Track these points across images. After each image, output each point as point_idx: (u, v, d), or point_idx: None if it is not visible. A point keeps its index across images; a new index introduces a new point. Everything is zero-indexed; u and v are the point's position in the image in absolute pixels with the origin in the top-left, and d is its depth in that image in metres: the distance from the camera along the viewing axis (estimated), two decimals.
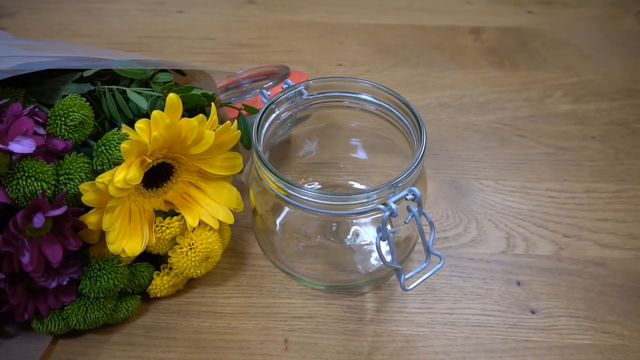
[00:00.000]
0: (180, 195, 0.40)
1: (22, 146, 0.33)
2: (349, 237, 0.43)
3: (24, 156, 0.34)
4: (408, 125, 0.41)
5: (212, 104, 0.40)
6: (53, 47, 0.47)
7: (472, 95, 0.58)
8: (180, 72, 0.44)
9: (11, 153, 0.33)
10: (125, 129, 0.37)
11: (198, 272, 0.40)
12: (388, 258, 0.37)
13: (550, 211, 0.48)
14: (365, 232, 0.45)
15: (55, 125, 0.36)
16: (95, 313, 0.38)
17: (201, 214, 0.40)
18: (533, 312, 0.42)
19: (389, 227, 0.37)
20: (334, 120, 0.47)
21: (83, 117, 0.36)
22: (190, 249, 0.39)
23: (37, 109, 0.36)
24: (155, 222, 0.39)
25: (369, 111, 0.44)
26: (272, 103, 0.41)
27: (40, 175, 0.34)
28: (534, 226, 0.47)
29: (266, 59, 0.60)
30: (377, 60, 0.62)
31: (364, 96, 0.43)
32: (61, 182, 0.35)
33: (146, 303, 0.42)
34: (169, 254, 0.40)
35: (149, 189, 0.39)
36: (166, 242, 0.39)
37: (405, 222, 0.37)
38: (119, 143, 0.35)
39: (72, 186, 0.35)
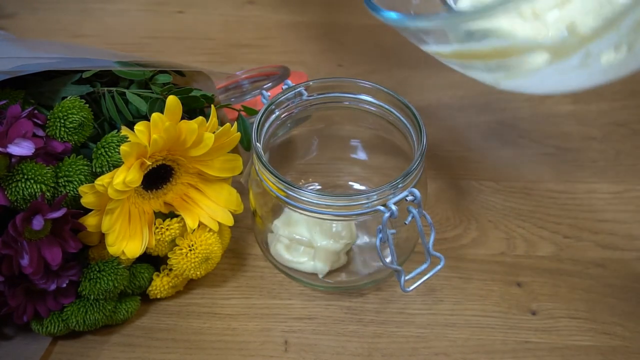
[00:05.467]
0: (180, 197, 0.40)
1: (21, 148, 0.33)
2: (349, 238, 0.43)
3: (23, 158, 0.34)
4: (408, 126, 0.41)
5: (212, 105, 0.40)
6: (52, 48, 0.47)
7: (472, 95, 0.58)
8: (179, 73, 0.44)
9: (10, 155, 0.33)
10: (124, 131, 0.37)
11: (198, 273, 0.40)
12: (388, 259, 0.37)
13: (550, 212, 0.48)
14: (365, 233, 0.45)
15: (54, 127, 0.36)
16: (95, 314, 0.38)
17: (201, 216, 0.40)
18: (533, 313, 0.42)
19: (388, 228, 0.37)
20: (334, 121, 0.47)
21: (82, 119, 0.36)
22: (190, 250, 0.39)
23: (36, 111, 0.36)
24: (154, 224, 0.39)
25: (369, 112, 0.44)
26: (271, 104, 0.41)
27: (40, 177, 0.33)
28: (535, 227, 0.47)
29: (266, 60, 0.60)
30: (377, 60, 0.62)
31: (363, 97, 0.43)
32: (60, 185, 0.35)
33: (146, 304, 0.42)
34: (169, 255, 0.40)
35: (149, 191, 0.39)
36: (166, 243, 0.39)
37: (405, 224, 0.37)
38: (119, 145, 0.35)
39: (72, 188, 0.35)
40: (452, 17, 0.37)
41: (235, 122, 0.41)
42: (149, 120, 0.35)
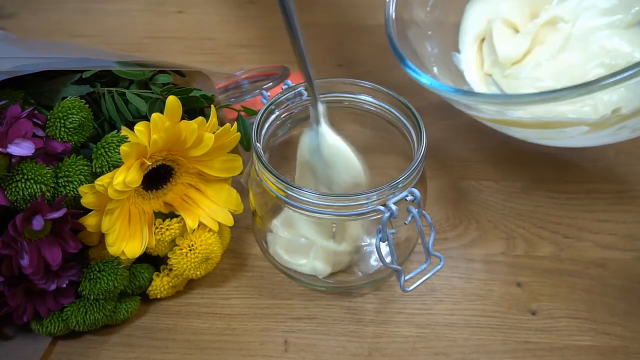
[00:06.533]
0: (180, 197, 0.40)
1: (21, 149, 0.33)
2: (348, 238, 0.43)
3: (23, 159, 0.34)
4: (408, 126, 0.41)
5: (212, 106, 0.40)
6: (52, 48, 0.47)
7: None
8: (179, 73, 0.44)
9: (10, 155, 0.33)
10: (124, 131, 0.37)
11: (198, 273, 0.40)
12: (388, 259, 0.37)
13: (550, 212, 0.48)
14: (365, 233, 0.45)
15: (54, 128, 0.36)
16: (95, 314, 0.38)
17: (201, 216, 0.40)
18: (533, 314, 0.42)
19: (388, 228, 0.37)
20: (334, 121, 0.46)
21: (82, 119, 0.36)
22: (190, 250, 0.39)
23: (36, 111, 0.36)
24: (154, 224, 0.39)
25: (368, 112, 0.44)
26: (271, 104, 0.41)
27: (40, 177, 0.34)
28: (535, 227, 0.47)
29: (266, 60, 0.60)
30: (377, 60, 0.61)
31: (363, 97, 0.43)
32: (60, 185, 0.35)
33: (146, 304, 0.42)
34: (169, 255, 0.40)
35: (149, 191, 0.39)
36: (166, 243, 0.39)
37: (405, 224, 0.37)
38: (119, 145, 0.35)
39: (72, 189, 0.35)
40: (505, 99, 0.39)
41: (235, 122, 0.41)
42: (149, 121, 0.35)
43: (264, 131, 0.41)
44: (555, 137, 0.40)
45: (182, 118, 0.37)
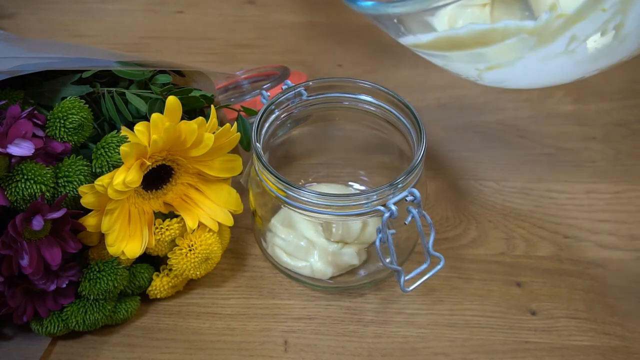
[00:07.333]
0: (180, 197, 0.40)
1: (21, 149, 0.33)
2: (348, 238, 0.43)
3: (23, 159, 0.34)
4: (408, 126, 0.41)
5: (212, 106, 0.40)
6: (52, 48, 0.47)
7: (472, 95, 0.58)
8: (179, 73, 0.44)
9: (10, 156, 0.33)
10: (124, 131, 0.37)
11: (197, 273, 0.40)
12: (388, 259, 0.37)
13: (550, 212, 0.48)
14: (365, 233, 0.45)
15: (54, 128, 0.36)
16: (95, 314, 0.38)
17: (200, 216, 0.40)
18: (533, 314, 0.42)
19: (388, 228, 0.37)
20: (334, 121, 0.47)
21: (82, 119, 0.36)
22: (190, 250, 0.39)
23: (36, 111, 0.36)
24: (154, 224, 0.39)
25: (368, 112, 0.44)
26: (271, 104, 0.42)
27: (39, 177, 0.34)
28: (534, 227, 0.47)
29: (266, 60, 0.60)
30: (377, 60, 0.61)
31: (363, 97, 0.43)
32: (60, 185, 0.35)
33: (146, 304, 0.42)
34: (169, 255, 0.40)
35: (149, 191, 0.39)
36: (166, 243, 0.39)
37: (405, 224, 0.37)
38: (118, 146, 0.35)
39: (71, 189, 0.35)
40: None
41: (235, 123, 0.41)
42: (148, 121, 0.35)
43: (264, 131, 0.41)
44: (503, 60, 0.36)
45: (182, 118, 0.37)
